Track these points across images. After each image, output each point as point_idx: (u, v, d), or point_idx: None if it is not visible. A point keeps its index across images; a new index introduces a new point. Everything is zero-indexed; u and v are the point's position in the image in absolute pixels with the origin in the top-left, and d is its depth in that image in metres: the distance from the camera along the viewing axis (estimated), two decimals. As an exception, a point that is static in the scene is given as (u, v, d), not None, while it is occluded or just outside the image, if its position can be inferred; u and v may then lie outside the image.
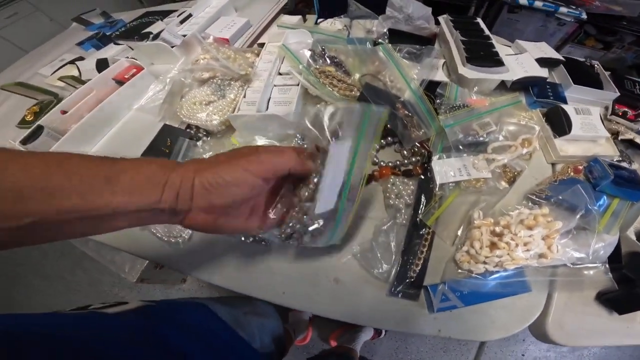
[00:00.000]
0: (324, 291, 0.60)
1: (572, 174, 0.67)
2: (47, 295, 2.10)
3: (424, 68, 0.83)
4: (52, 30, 3.07)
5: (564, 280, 0.57)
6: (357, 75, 0.81)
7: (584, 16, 1.78)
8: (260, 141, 0.78)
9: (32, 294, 2.12)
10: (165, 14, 1.42)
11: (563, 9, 1.79)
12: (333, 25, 1.06)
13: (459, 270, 0.58)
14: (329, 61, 0.83)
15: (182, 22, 1.15)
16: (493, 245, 0.56)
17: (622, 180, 0.62)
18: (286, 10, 1.30)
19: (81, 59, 1.27)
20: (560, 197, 0.60)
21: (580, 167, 0.67)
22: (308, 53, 0.84)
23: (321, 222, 0.48)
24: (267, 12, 1.25)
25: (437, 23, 1.04)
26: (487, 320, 0.56)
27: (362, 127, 0.49)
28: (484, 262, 0.55)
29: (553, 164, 0.73)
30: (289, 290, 0.60)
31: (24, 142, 0.81)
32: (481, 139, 0.69)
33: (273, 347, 0.77)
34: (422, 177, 0.67)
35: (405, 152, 0.72)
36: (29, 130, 0.84)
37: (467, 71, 0.81)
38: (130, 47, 1.26)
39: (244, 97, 0.80)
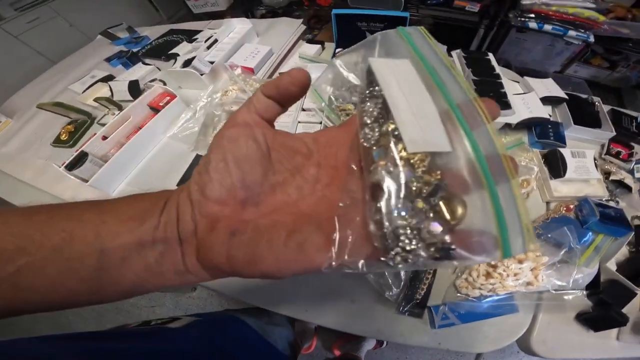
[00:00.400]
0: (342, 309, 0.69)
1: (564, 212, 0.76)
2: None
3: None
4: (71, 36, 3.23)
5: (547, 304, 0.67)
6: None
7: (592, 39, 1.84)
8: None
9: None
10: (188, 34, 1.51)
11: (572, 33, 1.84)
12: (350, 56, 1.11)
13: (458, 294, 0.68)
14: (348, 98, 0.90)
15: (208, 47, 1.23)
16: (488, 275, 0.66)
17: (607, 219, 0.70)
18: (305, 37, 1.38)
19: (111, 77, 1.35)
20: (550, 235, 0.69)
21: (572, 206, 0.76)
22: (329, 89, 0.90)
23: (445, 182, 0.25)
24: (288, 38, 1.33)
25: (450, 56, 1.11)
26: (480, 335, 0.66)
27: (413, 47, 0.32)
28: (480, 288, 0.65)
29: (547, 203, 0.81)
30: (311, 308, 0.70)
31: (70, 168, 0.88)
32: None
33: (289, 352, 0.86)
34: (431, 215, 0.74)
35: None
36: (72, 155, 0.90)
37: None
38: (158, 68, 1.34)
39: None
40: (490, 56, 1.05)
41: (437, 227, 0.23)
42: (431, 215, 0.24)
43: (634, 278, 0.67)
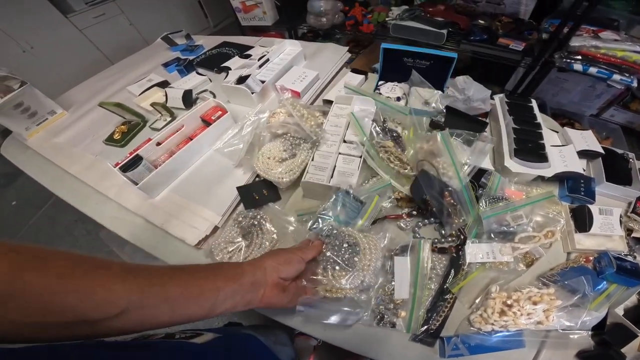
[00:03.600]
0: (359, 333, 0.75)
1: (582, 262, 0.79)
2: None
3: (474, 154, 0.91)
4: (128, 35, 3.47)
5: (553, 341, 0.70)
6: (411, 151, 0.94)
7: (635, 84, 1.82)
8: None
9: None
10: (240, 48, 1.63)
11: (616, 77, 1.82)
12: (393, 90, 1.19)
13: (471, 328, 0.73)
14: (388, 136, 0.94)
15: (260, 66, 1.31)
16: (502, 312, 0.70)
17: (622, 271, 0.74)
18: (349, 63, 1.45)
19: (167, 83, 1.46)
20: (566, 282, 0.73)
21: (591, 258, 0.80)
22: (371, 124, 0.96)
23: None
24: (333, 65, 1.40)
25: (492, 98, 1.13)
26: (484, 367, 0.71)
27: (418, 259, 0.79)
28: (492, 324, 0.70)
29: (568, 253, 0.84)
30: (329, 328, 0.75)
31: (125, 169, 0.95)
32: (511, 229, 0.81)
33: None
34: (454, 255, 0.81)
35: (443, 232, 0.84)
36: (128, 158, 0.96)
37: (513, 164, 0.91)
38: (209, 79, 1.44)
39: (312, 160, 0.93)
40: (533, 103, 1.08)
41: None
42: None
43: (639, 323, 0.71)
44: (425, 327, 0.73)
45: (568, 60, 1.87)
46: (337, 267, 0.71)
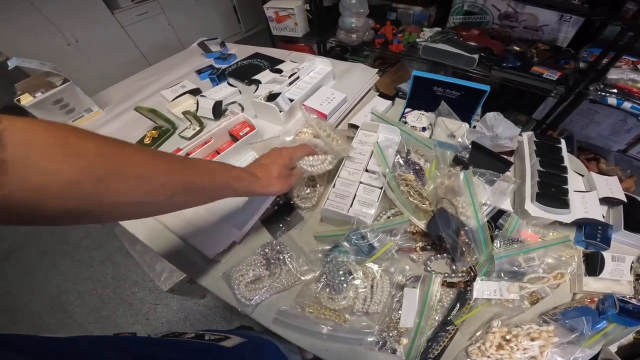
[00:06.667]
0: (361, 355, 0.81)
1: (587, 303, 0.83)
2: (69, 278, 2.45)
3: (495, 194, 0.94)
4: (165, 35, 3.68)
5: None
6: (431, 185, 0.98)
7: (667, 122, 1.79)
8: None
9: (55, 274, 2.48)
10: (271, 61, 1.72)
11: None
12: (419, 120, 1.22)
13: (467, 359, 0.78)
14: (410, 168, 0.98)
15: (290, 83, 1.38)
16: (500, 346, 0.76)
17: (624, 312, 0.78)
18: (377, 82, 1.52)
19: (199, 90, 1.56)
20: (566, 321, 0.77)
21: (596, 299, 0.84)
22: (395, 155, 0.99)
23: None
24: (361, 87, 1.46)
25: (520, 135, 1.13)
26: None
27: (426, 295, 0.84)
28: (489, 357, 0.75)
29: (574, 294, 0.88)
30: (332, 349, 0.82)
31: None
32: (522, 269, 0.85)
33: None
34: (462, 289, 0.86)
35: (454, 267, 0.89)
36: None
37: (533, 208, 0.93)
38: (239, 91, 1.54)
39: (334, 186, 0.97)
40: (562, 144, 1.08)
41: None
42: None
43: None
44: (424, 355, 0.79)
45: (603, 94, 1.83)
46: (327, 289, 0.86)
